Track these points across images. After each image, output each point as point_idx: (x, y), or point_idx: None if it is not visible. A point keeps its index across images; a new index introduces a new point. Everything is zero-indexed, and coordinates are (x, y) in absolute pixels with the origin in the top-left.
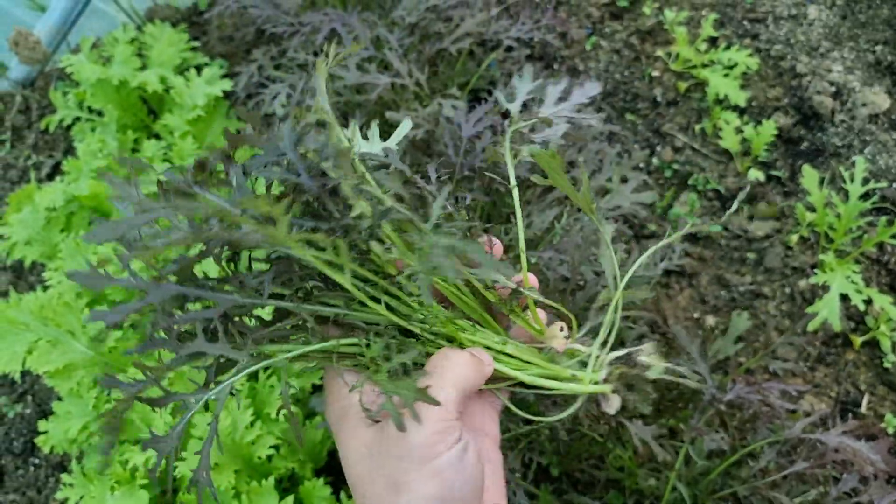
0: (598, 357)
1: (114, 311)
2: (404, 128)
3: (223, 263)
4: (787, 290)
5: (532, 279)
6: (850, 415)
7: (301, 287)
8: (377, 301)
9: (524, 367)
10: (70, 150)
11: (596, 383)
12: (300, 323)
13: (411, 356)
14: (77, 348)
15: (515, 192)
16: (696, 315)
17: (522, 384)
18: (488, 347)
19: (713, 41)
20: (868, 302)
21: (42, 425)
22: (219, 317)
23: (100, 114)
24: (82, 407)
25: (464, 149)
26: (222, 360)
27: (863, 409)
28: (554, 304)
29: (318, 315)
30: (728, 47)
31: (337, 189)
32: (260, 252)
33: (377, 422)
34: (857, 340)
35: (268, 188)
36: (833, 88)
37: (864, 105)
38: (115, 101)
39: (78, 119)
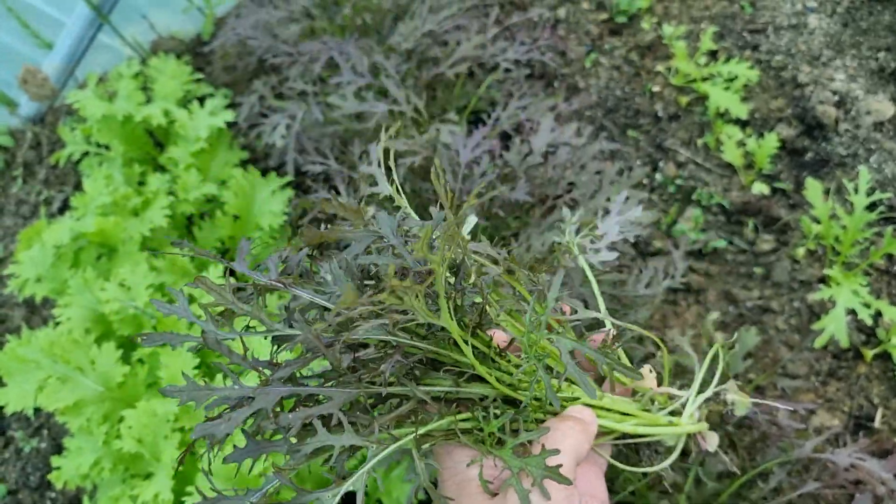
0: (693, 399)
1: (225, 422)
2: (471, 223)
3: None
4: (796, 304)
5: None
6: (863, 430)
7: (410, 371)
8: (481, 379)
9: (623, 418)
10: (80, 185)
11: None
12: (415, 406)
13: (531, 436)
14: (87, 384)
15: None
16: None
17: (623, 436)
18: (587, 405)
19: (713, 54)
20: (878, 314)
21: (55, 461)
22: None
23: (107, 148)
24: (93, 443)
25: (462, 174)
26: (347, 450)
27: (877, 424)
28: (648, 333)
29: (431, 395)
30: (728, 60)
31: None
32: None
33: (495, 494)
34: (869, 354)
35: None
36: (836, 97)
37: (868, 113)
38: (120, 136)
39: (86, 153)
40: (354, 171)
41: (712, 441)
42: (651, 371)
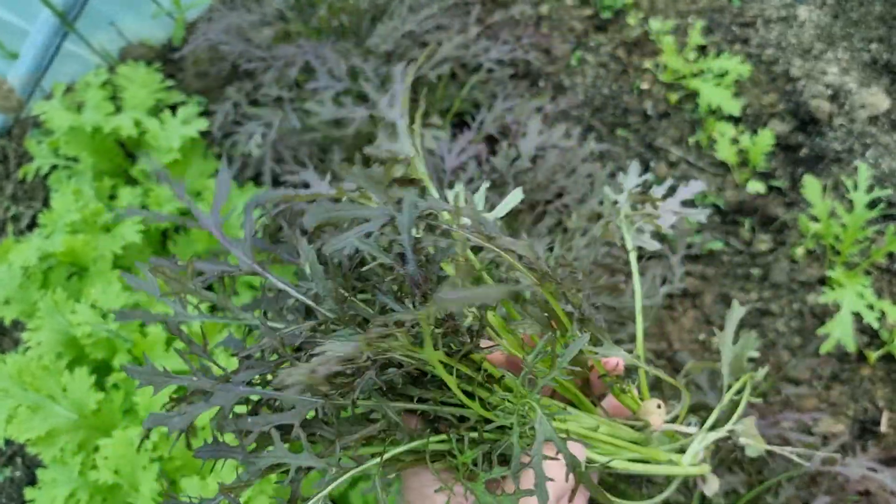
0: (701, 439)
1: (180, 416)
2: (515, 198)
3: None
4: (796, 305)
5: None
6: (868, 434)
7: (388, 382)
8: (471, 396)
9: (617, 451)
10: (49, 200)
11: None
12: (385, 425)
13: (504, 472)
14: (59, 413)
15: (633, 258)
16: (701, 337)
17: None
18: (580, 434)
19: (702, 49)
20: (882, 315)
21: (28, 493)
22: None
23: (76, 160)
24: (68, 474)
25: (448, 181)
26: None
27: (882, 428)
28: (670, 379)
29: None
30: (718, 55)
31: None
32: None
33: None
34: (872, 356)
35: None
36: (829, 91)
37: (862, 107)
38: (89, 148)
39: (55, 167)
40: (335, 181)
41: (712, 486)
42: (660, 406)
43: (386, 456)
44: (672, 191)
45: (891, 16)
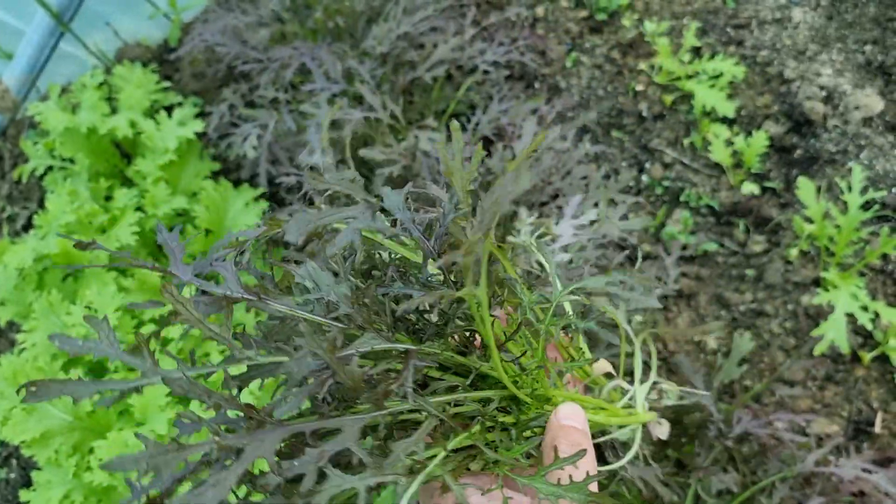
0: (640, 390)
1: (212, 488)
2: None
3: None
4: (790, 306)
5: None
6: (863, 435)
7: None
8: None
9: (597, 412)
10: (45, 200)
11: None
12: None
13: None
14: (54, 414)
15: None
16: (696, 338)
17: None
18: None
19: (697, 51)
20: (875, 317)
21: (23, 495)
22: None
23: (72, 161)
24: (63, 476)
25: (444, 183)
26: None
27: (876, 429)
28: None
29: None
30: (713, 56)
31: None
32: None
33: None
34: (867, 356)
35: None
36: (824, 93)
37: (856, 108)
38: (85, 149)
39: (50, 168)
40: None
41: (664, 429)
42: (606, 363)
43: (450, 446)
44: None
45: (885, 17)
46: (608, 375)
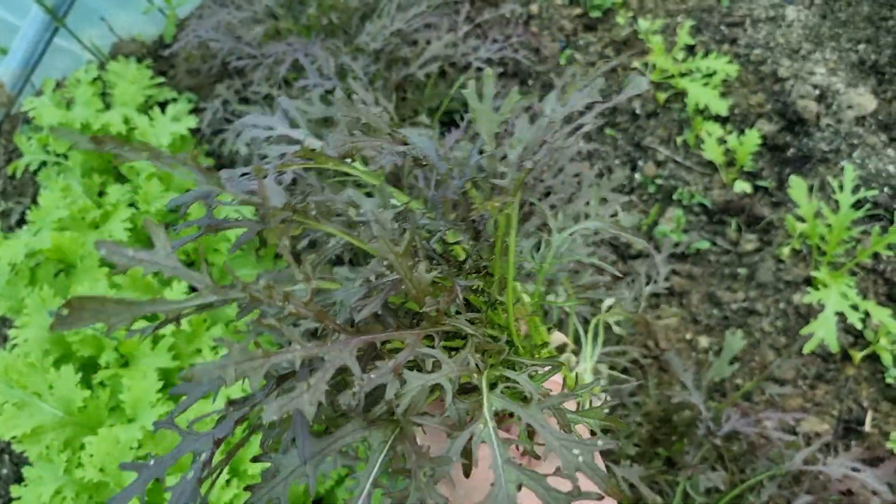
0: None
1: (308, 392)
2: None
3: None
4: (782, 305)
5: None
6: (853, 434)
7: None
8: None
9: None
10: (38, 195)
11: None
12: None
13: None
14: (45, 410)
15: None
16: (688, 336)
17: None
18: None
19: (690, 49)
20: (866, 316)
21: (14, 490)
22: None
23: (65, 157)
24: (54, 471)
25: (436, 180)
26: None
27: (866, 428)
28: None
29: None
30: (706, 55)
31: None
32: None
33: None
34: (857, 356)
35: None
36: (817, 91)
37: (849, 107)
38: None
39: (44, 163)
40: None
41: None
42: (562, 335)
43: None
44: None
45: (878, 16)
46: (562, 347)
